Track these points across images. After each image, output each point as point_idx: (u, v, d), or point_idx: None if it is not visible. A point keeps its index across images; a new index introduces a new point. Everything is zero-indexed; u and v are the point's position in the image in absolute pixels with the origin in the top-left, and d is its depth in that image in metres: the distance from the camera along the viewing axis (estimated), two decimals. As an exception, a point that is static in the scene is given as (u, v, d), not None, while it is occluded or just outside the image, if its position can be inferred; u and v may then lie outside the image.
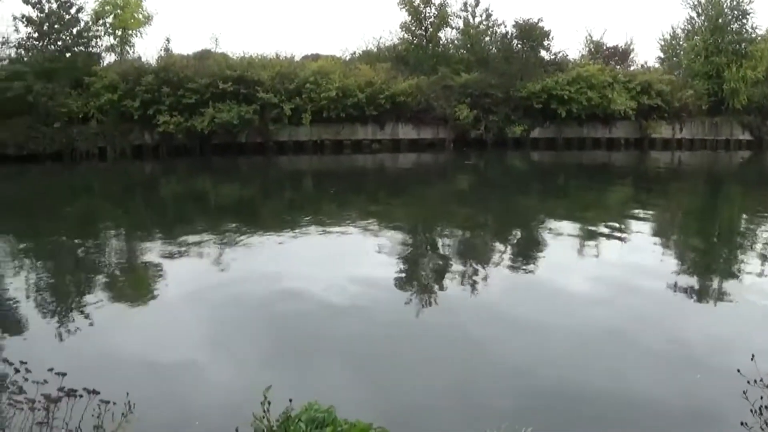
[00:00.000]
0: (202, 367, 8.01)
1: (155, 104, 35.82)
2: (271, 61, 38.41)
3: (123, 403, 4.30)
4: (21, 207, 23.72)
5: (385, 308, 10.31)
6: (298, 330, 9.25)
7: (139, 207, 23.81)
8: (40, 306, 11.10)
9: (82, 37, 37.44)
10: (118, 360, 8.16)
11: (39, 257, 15.22)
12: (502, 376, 7.68)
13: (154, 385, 7.30)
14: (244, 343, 8.80)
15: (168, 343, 8.81)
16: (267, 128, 37.00)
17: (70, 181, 31.73)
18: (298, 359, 8.11)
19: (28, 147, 34.69)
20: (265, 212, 21.48)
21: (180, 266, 13.51)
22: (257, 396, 4.47)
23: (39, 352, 8.05)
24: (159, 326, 9.67)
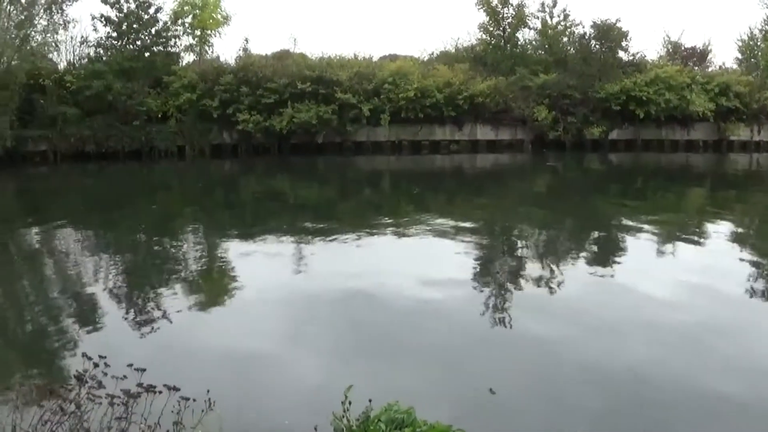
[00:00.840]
0: (282, 364, 7.94)
1: (234, 104, 35.91)
2: (350, 61, 38.44)
3: (203, 400, 4.33)
4: (101, 204, 23.94)
5: (463, 309, 10.12)
6: (376, 330, 9.16)
7: (218, 205, 23.77)
8: (119, 301, 11.10)
9: (161, 36, 37.70)
10: (197, 356, 8.15)
11: (119, 253, 15.30)
12: (580, 378, 7.46)
13: (233, 382, 7.20)
14: (322, 342, 8.70)
15: (247, 340, 8.74)
16: (345, 128, 36.95)
17: (150, 179, 32.04)
18: (377, 359, 8.05)
19: (107, 145, 35.29)
20: (342, 212, 21.19)
21: (258, 264, 13.50)
22: (336, 395, 4.46)
23: (118, 347, 8.03)
24: (237, 323, 9.62)
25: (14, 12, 35.89)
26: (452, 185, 28.74)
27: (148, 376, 4.38)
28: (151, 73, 36.53)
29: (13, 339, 9.74)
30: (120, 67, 35.97)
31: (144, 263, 14.32)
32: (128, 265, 14.16)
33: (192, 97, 35.73)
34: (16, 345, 9.46)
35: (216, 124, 36.28)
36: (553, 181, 30.57)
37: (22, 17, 35.90)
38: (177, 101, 35.87)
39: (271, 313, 10.03)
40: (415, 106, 37.03)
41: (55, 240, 17.50)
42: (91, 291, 11.57)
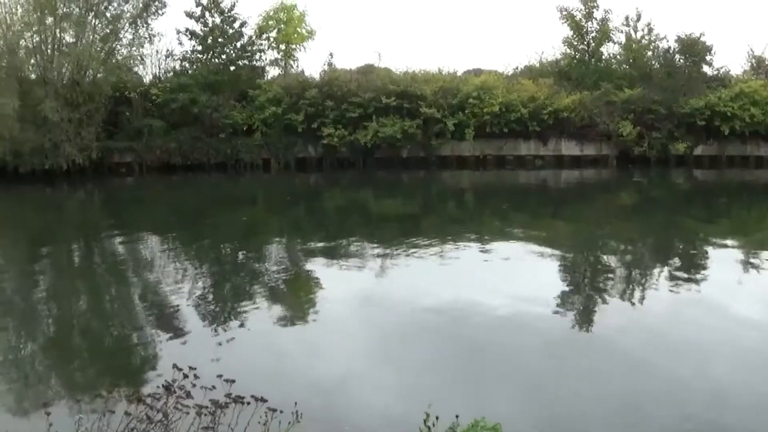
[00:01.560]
0: (366, 377, 8.03)
1: (319, 117, 35.96)
2: (434, 75, 38.49)
3: (290, 411, 4.34)
4: (186, 215, 24.37)
5: (547, 324, 10.07)
6: (460, 345, 9.13)
7: (303, 218, 23.80)
8: (204, 312, 11.25)
9: (246, 51, 38.02)
10: (283, 368, 8.25)
11: (204, 264, 15.60)
12: (664, 395, 7.37)
13: (318, 394, 7.23)
14: (406, 356, 8.73)
15: (331, 353, 8.84)
16: (429, 143, 36.95)
17: (235, 191, 32.10)
18: (462, 374, 8.06)
19: (193, 157, 35.72)
20: (426, 227, 20.96)
21: (341, 277, 13.56)
22: (420, 410, 4.42)
23: (203, 357, 8.11)
24: (322, 336, 9.71)
25: (99, 25, 36.61)
26: (537, 201, 28.41)
27: (235, 386, 4.45)
28: (237, 87, 36.80)
29: (100, 347, 9.94)
30: (205, 80, 36.30)
31: (228, 274, 14.53)
32: (213, 276, 14.40)
33: (277, 111, 35.83)
34: (102, 353, 9.65)
35: (301, 137, 36.38)
36: (639, 198, 30.22)
37: (107, 31, 36.61)
38: (262, 115, 36.00)
39: (355, 326, 10.11)
40: (500, 120, 36.98)
41: (139, 250, 17.82)
42: (175, 301, 11.69)
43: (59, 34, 36.37)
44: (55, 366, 9.12)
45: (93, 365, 9.13)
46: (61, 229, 22.31)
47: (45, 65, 35.75)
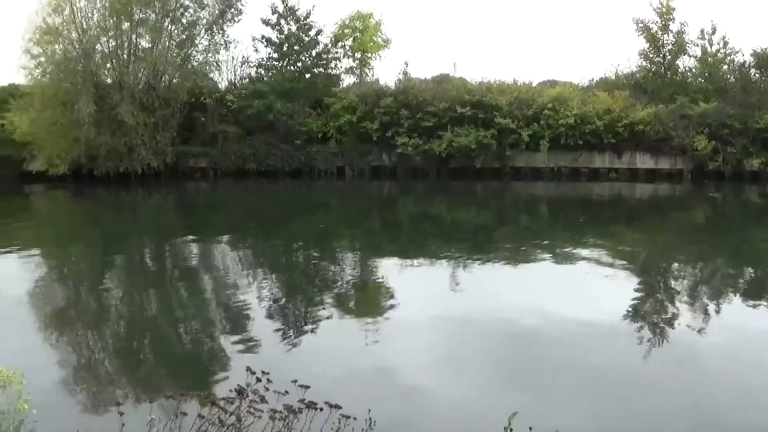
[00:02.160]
0: (438, 387, 7.96)
1: (394, 126, 36.07)
2: (509, 86, 38.56)
3: (363, 419, 4.32)
4: (260, 220, 24.70)
5: (618, 339, 9.97)
6: (531, 357, 9.08)
7: (376, 225, 23.97)
8: (277, 317, 11.38)
9: (321, 58, 38.32)
10: (355, 375, 8.26)
11: (276, 269, 15.75)
12: (739, 412, 7.30)
13: (391, 401, 7.20)
14: (478, 366, 8.67)
15: (403, 361, 8.82)
16: (504, 153, 37.00)
17: (309, 198, 32.23)
18: (535, 386, 7.97)
19: (267, 163, 36.11)
20: (500, 237, 20.79)
21: (414, 286, 13.55)
22: (491, 420, 4.55)
23: (276, 362, 8.03)
24: (394, 343, 9.70)
25: (175, 31, 37.11)
26: (611, 214, 28.02)
27: (307, 392, 4.46)
28: (312, 94, 37.07)
29: (172, 349, 10.09)
30: (281, 87, 36.60)
31: (301, 280, 14.64)
32: (285, 281, 14.53)
33: (352, 119, 36.03)
34: (175, 355, 9.80)
35: (375, 146, 36.53)
36: (713, 214, 29.99)
37: (183, 37, 37.15)
38: (337, 122, 36.24)
39: (427, 334, 10.06)
40: (575, 132, 36.93)
41: (213, 254, 18.09)
42: (247, 305, 11.85)
43: (135, 40, 36.99)
44: (128, 367, 9.27)
45: (166, 367, 9.30)
46: (135, 232, 22.72)
47: (121, 70, 36.31)
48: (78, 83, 35.47)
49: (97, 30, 36.62)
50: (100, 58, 36.74)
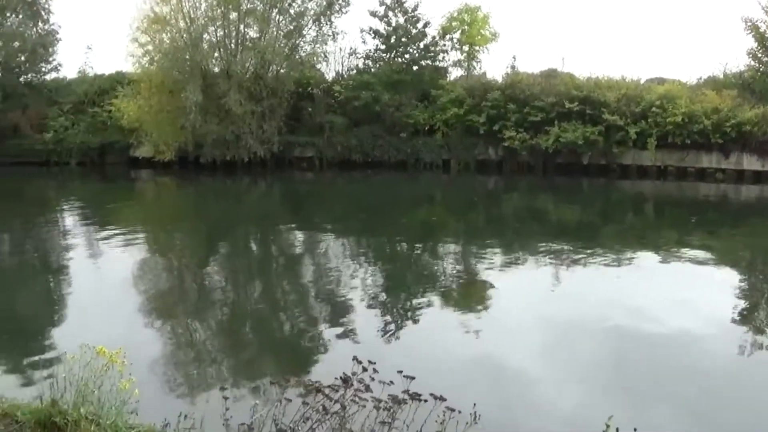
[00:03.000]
0: (540, 384, 8.02)
1: (501, 120, 35.91)
2: (617, 82, 38.50)
3: (468, 412, 4.30)
4: (365, 211, 25.15)
5: (725, 343, 9.81)
6: (633, 360, 9.05)
7: (480, 220, 24.02)
8: (381, 307, 11.68)
9: (429, 51, 38.50)
10: (456, 369, 8.33)
11: (378, 260, 16.15)
12: None
13: (494, 396, 7.31)
14: (579, 367, 8.74)
15: (506, 357, 8.92)
16: (611, 150, 37.14)
17: (414, 190, 32.56)
18: (637, 388, 7.96)
19: (373, 155, 36.36)
20: (604, 236, 20.69)
21: (515, 282, 13.71)
22: (592, 421, 4.53)
23: (375, 353, 8.13)
24: (496, 339, 9.81)
25: (283, 22, 37.63)
26: (717, 216, 27.51)
27: (407, 383, 4.48)
28: (419, 87, 37.20)
29: (275, 336, 10.47)
30: (388, 79, 36.87)
31: (404, 272, 14.96)
32: (388, 272, 14.84)
33: (459, 112, 35.99)
34: (277, 342, 10.16)
35: (482, 139, 36.43)
36: None
37: (290, 27, 37.64)
38: (444, 115, 36.22)
39: (528, 331, 10.15)
40: (682, 131, 36.74)
41: (316, 243, 18.61)
42: (350, 295, 12.22)
43: (243, 29, 37.71)
44: (230, 352, 9.59)
45: (267, 353, 9.63)
46: (240, 220, 23.50)
47: (229, 59, 36.87)
48: (185, 72, 36.39)
49: (205, 19, 37.41)
50: (207, 47, 37.51)
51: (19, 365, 8.82)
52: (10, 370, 8.67)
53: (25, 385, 7.69)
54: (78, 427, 4.64)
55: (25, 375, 8.36)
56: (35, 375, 8.11)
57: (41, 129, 41.60)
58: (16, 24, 42.24)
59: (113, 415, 4.74)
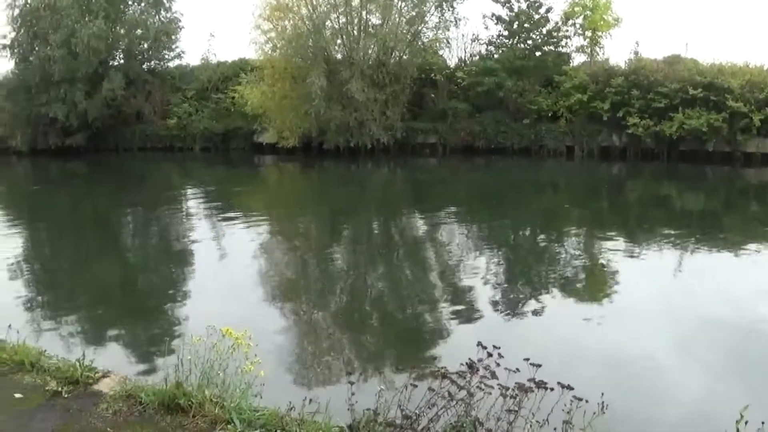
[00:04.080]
0: (668, 374, 8.16)
1: (624, 107, 37.94)
2: (741, 68, 40.48)
3: (595, 402, 4.46)
4: (488, 197, 26.60)
5: None
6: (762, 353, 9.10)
7: (605, 208, 25.28)
8: (501, 294, 12.31)
9: (552, 36, 40.88)
10: (585, 357, 8.66)
11: (501, 246, 16.94)
12: None
13: (620, 386, 7.52)
14: (708, 356, 8.86)
15: (630, 346, 9.15)
16: (735, 138, 39.30)
17: (537, 177, 34.38)
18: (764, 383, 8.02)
19: (496, 141, 39.10)
20: (728, 225, 21.24)
21: (640, 271, 13.99)
22: (722, 413, 4.88)
23: (498, 339, 8.72)
24: (620, 327, 10.09)
25: (405, 8, 40.46)
26: None
27: (533, 371, 4.70)
28: (542, 73, 39.57)
29: (398, 322, 11.02)
30: (511, 65, 39.29)
31: (525, 259, 15.59)
32: (509, 259, 15.54)
33: (583, 98, 38.16)
34: (401, 328, 10.71)
35: (605, 126, 38.60)
36: None
37: (413, 13, 40.39)
38: (567, 102, 38.51)
39: (651, 321, 10.33)
40: (807, 117, 38.78)
41: (438, 229, 19.64)
42: (473, 281, 12.81)
43: (365, 16, 40.66)
44: (355, 337, 10.15)
45: (391, 338, 10.11)
46: (363, 206, 25.22)
47: (351, 46, 40.14)
48: (308, 58, 39.66)
49: (327, 6, 40.61)
50: (330, 34, 40.70)
51: (143, 346, 9.55)
52: (134, 351, 9.34)
53: (149, 367, 8.31)
54: (202, 409, 5.00)
55: (150, 356, 9.01)
56: (159, 356, 8.65)
57: (165, 115, 45.74)
58: (138, 12, 46.17)
59: (237, 398, 5.11)
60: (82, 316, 11.31)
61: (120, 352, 9.26)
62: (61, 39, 44.06)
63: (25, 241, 18.89)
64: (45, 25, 45.13)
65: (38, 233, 20.49)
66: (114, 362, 7.53)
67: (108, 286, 13.52)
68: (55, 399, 5.46)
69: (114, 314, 11.38)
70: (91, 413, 5.15)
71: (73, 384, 5.71)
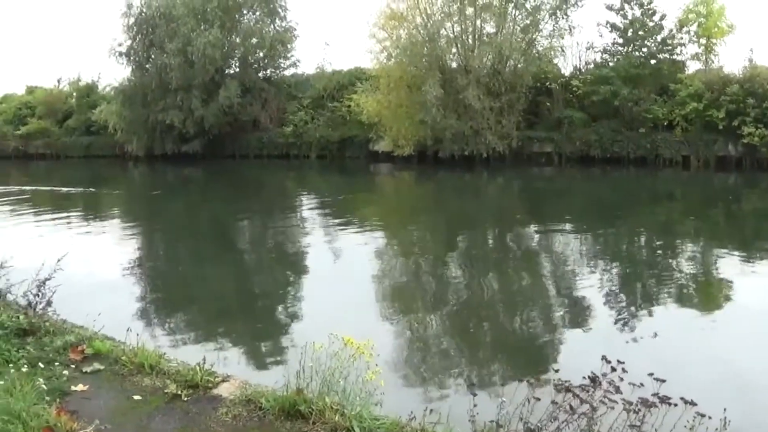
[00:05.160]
0: None
1: (740, 115, 39.45)
2: None
3: (718, 418, 4.63)
4: (604, 208, 27.77)
5: None
6: None
7: (721, 220, 25.38)
8: (615, 306, 12.78)
9: (666, 44, 43.28)
10: (701, 372, 8.81)
11: (617, 259, 17.56)
12: None
13: (743, 402, 7.69)
14: None
15: (753, 361, 9.35)
16: None
17: (654, 187, 35.22)
18: None
19: (612, 150, 41.53)
20: None
21: (757, 283, 14.41)
22: None
23: (620, 352, 7.77)
24: (739, 342, 10.29)
25: (519, 16, 43.49)
26: None
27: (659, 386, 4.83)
28: (657, 81, 41.94)
29: (515, 332, 11.57)
30: (626, 73, 41.81)
31: (639, 271, 16.03)
32: (623, 271, 16.04)
33: (698, 107, 40.04)
34: (517, 338, 11.25)
35: (721, 135, 40.34)
36: None
37: (527, 22, 43.40)
38: (683, 110, 40.59)
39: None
40: None
41: (553, 240, 20.49)
42: (587, 293, 13.32)
43: (479, 24, 43.86)
44: (473, 348, 10.65)
45: (509, 349, 10.54)
46: (479, 215, 26.41)
47: (466, 54, 43.22)
48: (423, 67, 43.00)
49: (441, 15, 44.03)
50: (444, 43, 44.07)
51: (260, 351, 10.24)
52: (251, 356, 9.99)
53: (267, 372, 8.85)
54: (322, 416, 5.23)
55: (267, 362, 9.64)
56: (278, 362, 9.27)
57: (281, 123, 50.23)
58: (253, 21, 50.84)
59: (358, 406, 5.31)
60: (198, 319, 12.30)
61: (238, 356, 9.91)
62: (177, 47, 48.82)
63: (144, 245, 20.89)
64: (161, 34, 50.06)
65: (158, 237, 22.61)
66: (231, 366, 8.23)
67: (225, 290, 14.52)
68: (174, 402, 5.82)
69: (230, 319, 12.30)
70: (211, 417, 5.46)
71: (193, 387, 6.06)
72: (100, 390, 6.15)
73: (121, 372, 6.56)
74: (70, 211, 28.97)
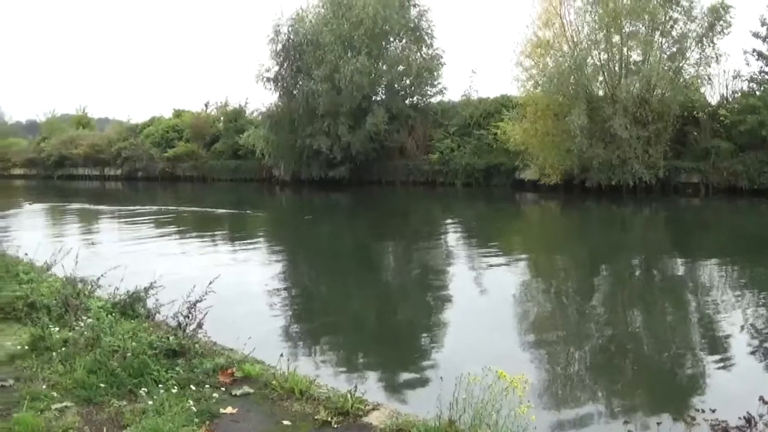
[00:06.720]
0: None
1: None
2: None
3: None
4: (750, 242, 28.92)
5: None
6: None
7: None
8: (761, 342, 13.51)
9: None
10: None
11: (763, 293, 18.22)
12: None
13: None
14: None
15: None
16: None
17: None
18: None
19: (759, 181, 43.29)
20: None
21: None
22: None
23: None
24: None
25: (666, 44, 47.30)
26: None
27: None
28: None
29: (661, 368, 12.15)
30: None
31: None
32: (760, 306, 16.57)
33: None
34: (663, 374, 11.79)
35: None
36: None
37: (673, 50, 47.14)
38: None
39: None
40: None
41: (698, 273, 21.52)
42: (733, 330, 13.97)
43: (626, 52, 47.79)
44: (618, 382, 11.27)
45: (656, 385, 11.09)
46: (622, 248, 27.62)
47: (613, 83, 47.12)
48: (570, 95, 47.11)
49: (588, 43, 48.11)
50: (591, 71, 48.06)
51: (409, 380, 10.88)
52: (401, 384, 10.67)
53: (414, 401, 9.48)
54: None
55: (416, 390, 10.28)
56: (425, 391, 9.87)
57: (427, 150, 55.72)
58: (400, 49, 56.67)
59: None
60: (346, 345, 13.26)
61: (384, 383, 10.62)
62: (325, 74, 54.78)
63: (296, 270, 22.78)
64: (308, 60, 56.28)
65: (308, 261, 24.72)
66: (374, 393, 8.62)
67: (371, 317, 15.79)
68: (324, 429, 6.24)
69: (376, 345, 13.27)
70: (361, 445, 5.28)
71: (343, 415, 6.49)
72: (249, 413, 6.71)
73: (270, 396, 7.16)
74: (216, 230, 33.08)
